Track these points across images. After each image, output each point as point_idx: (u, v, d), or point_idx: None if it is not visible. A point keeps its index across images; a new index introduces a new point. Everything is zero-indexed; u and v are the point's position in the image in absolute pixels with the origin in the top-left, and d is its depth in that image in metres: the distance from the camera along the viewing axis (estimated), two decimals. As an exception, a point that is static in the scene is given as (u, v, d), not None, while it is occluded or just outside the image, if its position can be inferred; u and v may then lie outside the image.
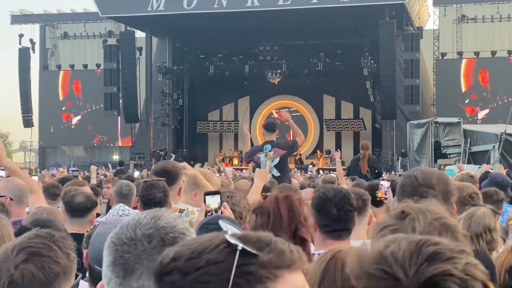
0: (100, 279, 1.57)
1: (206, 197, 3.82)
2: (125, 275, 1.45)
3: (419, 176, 2.88)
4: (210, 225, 3.04)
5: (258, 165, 8.56)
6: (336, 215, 3.37)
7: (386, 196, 5.70)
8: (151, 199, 4.20)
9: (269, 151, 8.50)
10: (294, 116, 38.89)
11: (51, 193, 6.52)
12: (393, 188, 5.37)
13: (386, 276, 1.24)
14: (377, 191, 5.94)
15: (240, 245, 1.10)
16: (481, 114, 34.58)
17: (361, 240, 3.77)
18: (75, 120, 40.68)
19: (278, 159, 8.56)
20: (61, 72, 41.11)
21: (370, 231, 4.04)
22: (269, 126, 9.01)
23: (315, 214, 3.43)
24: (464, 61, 35.32)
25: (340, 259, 2.10)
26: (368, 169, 13.03)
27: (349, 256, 1.35)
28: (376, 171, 13.15)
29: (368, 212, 3.81)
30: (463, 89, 35.02)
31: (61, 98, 40.87)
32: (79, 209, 4.95)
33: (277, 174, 8.36)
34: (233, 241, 1.11)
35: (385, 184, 5.86)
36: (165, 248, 1.45)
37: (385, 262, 1.25)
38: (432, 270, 1.21)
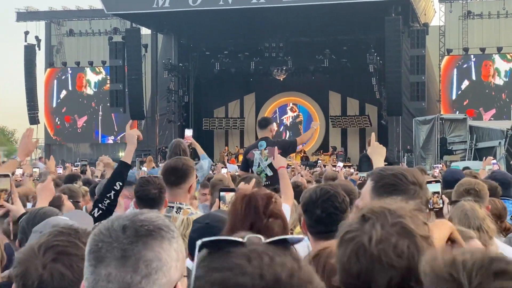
0: None
1: (221, 193, 3.91)
2: (96, 263, 1.45)
3: (407, 175, 2.81)
4: (197, 223, 3.17)
5: (251, 162, 8.36)
6: (318, 217, 3.30)
7: None
8: (146, 194, 4.21)
9: (264, 149, 8.22)
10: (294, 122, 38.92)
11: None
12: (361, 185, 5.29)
13: (450, 279, 1.32)
14: None
15: None
16: (487, 116, 34.27)
17: None
18: (81, 121, 40.79)
19: (272, 159, 8.33)
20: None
21: None
22: (260, 123, 8.73)
23: (303, 214, 3.41)
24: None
25: (323, 257, 2.08)
26: None
27: None
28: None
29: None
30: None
31: (61, 96, 41.10)
32: None
33: (270, 173, 8.07)
34: None
35: None
36: (138, 238, 1.44)
37: (454, 267, 1.33)
38: (495, 285, 1.28)
